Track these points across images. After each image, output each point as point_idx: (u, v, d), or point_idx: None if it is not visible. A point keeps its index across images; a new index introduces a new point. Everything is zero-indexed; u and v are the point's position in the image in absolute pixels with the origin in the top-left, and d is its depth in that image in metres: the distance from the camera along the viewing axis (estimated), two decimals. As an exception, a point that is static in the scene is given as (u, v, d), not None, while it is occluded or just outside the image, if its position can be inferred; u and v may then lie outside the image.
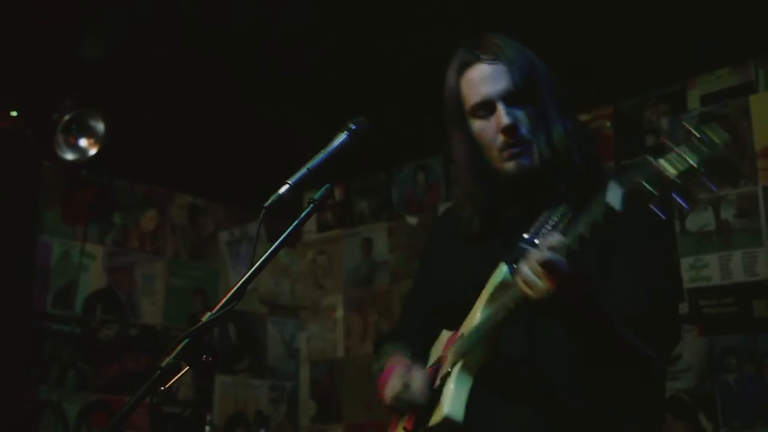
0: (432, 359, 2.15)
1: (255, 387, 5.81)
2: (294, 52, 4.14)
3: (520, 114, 2.00)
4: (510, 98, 2.00)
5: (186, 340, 1.54)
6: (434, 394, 1.97)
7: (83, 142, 4.55)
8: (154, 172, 5.37)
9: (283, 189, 1.73)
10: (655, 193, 1.47)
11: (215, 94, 4.58)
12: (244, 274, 1.64)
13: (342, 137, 1.88)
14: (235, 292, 1.61)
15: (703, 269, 4.31)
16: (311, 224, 6.04)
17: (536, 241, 1.79)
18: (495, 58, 2.03)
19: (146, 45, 4.14)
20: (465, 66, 2.07)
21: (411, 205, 5.62)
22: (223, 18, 3.96)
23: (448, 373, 1.94)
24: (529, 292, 1.70)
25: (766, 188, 4.19)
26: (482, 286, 1.99)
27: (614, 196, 1.53)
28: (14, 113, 4.39)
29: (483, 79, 2.03)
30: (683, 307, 4.35)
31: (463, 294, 2.06)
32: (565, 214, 1.91)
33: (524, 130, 1.99)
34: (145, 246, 5.45)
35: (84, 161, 4.60)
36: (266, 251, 1.69)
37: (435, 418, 1.92)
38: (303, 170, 1.78)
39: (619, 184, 1.54)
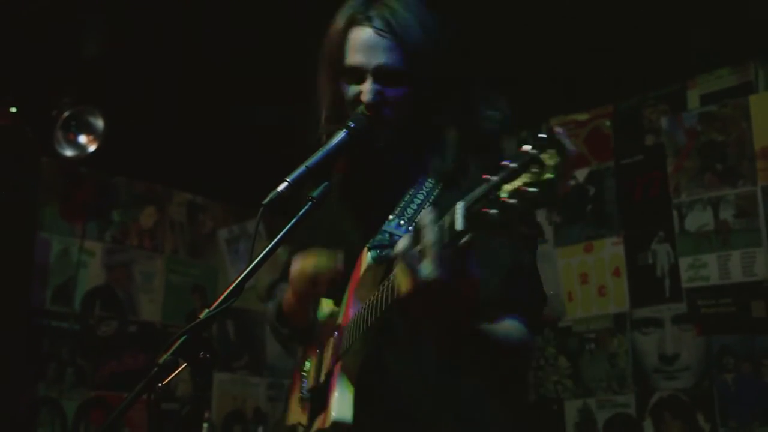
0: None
1: (253, 385, 5.81)
2: (294, 51, 4.14)
3: (391, 93, 1.92)
4: (383, 75, 1.92)
5: (184, 337, 1.54)
6: (321, 390, 1.92)
7: (82, 139, 4.55)
8: (153, 170, 5.37)
9: (282, 186, 1.73)
10: (491, 212, 1.33)
11: (215, 92, 4.57)
12: (242, 272, 1.64)
13: (341, 135, 1.87)
14: (233, 289, 1.61)
15: (701, 269, 4.31)
16: (310, 222, 6.03)
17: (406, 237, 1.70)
18: (384, 29, 1.91)
19: (146, 42, 4.14)
20: (353, 23, 1.96)
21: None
22: (222, 17, 3.96)
23: (332, 372, 1.88)
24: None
25: (765, 188, 4.19)
26: (351, 261, 1.92)
27: (459, 215, 1.38)
28: (13, 109, 4.39)
29: (364, 46, 1.93)
30: (682, 307, 4.35)
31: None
32: (426, 197, 1.89)
33: (388, 111, 1.92)
34: (143, 243, 5.45)
35: (83, 158, 4.61)
36: (265, 249, 1.68)
37: (325, 422, 1.85)
38: (302, 168, 1.78)
39: (463, 201, 1.39)
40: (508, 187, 1.30)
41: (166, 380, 1.53)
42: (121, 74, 4.36)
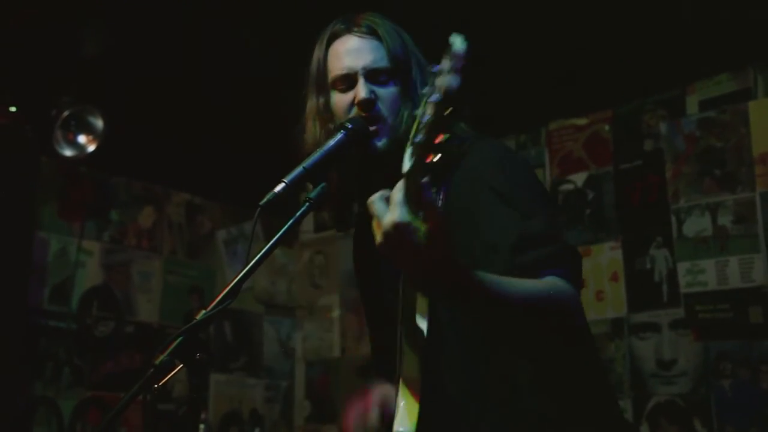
0: None
1: (250, 386, 5.81)
2: (294, 51, 4.14)
3: (382, 92, 1.96)
4: (373, 74, 1.97)
5: (180, 338, 1.55)
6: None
7: (82, 139, 4.55)
8: (152, 170, 5.36)
9: (279, 187, 1.73)
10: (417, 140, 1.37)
11: (214, 92, 4.57)
12: (239, 273, 1.64)
13: (338, 136, 1.87)
14: (229, 290, 1.61)
15: (699, 275, 4.31)
16: (308, 224, 6.04)
17: None
18: (367, 32, 1.99)
19: (145, 42, 4.14)
20: (335, 36, 2.03)
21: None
22: (222, 16, 3.97)
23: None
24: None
25: (764, 194, 4.19)
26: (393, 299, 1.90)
27: (407, 158, 1.43)
28: (13, 109, 4.39)
29: (349, 51, 1.98)
30: (679, 312, 4.35)
31: (384, 313, 2.02)
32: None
33: (381, 107, 1.95)
34: (142, 243, 5.45)
35: (82, 158, 4.60)
36: (262, 250, 1.69)
37: None
38: (299, 169, 1.78)
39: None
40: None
41: (163, 381, 1.53)
42: (121, 74, 4.36)
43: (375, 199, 1.47)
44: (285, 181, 1.74)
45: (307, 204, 1.78)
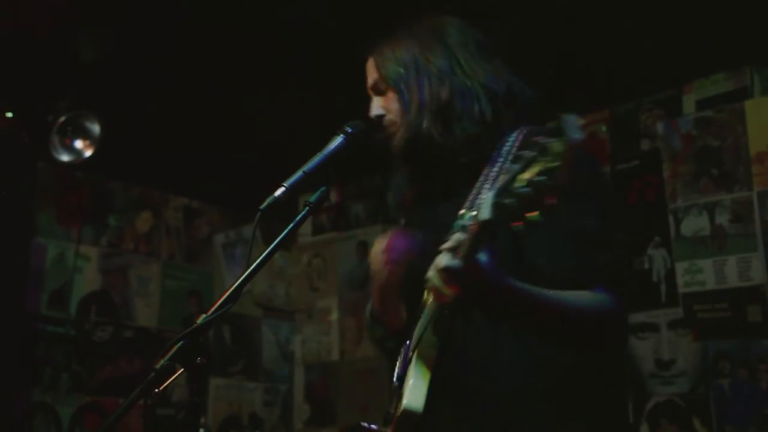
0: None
1: (249, 390, 5.80)
2: (293, 54, 4.14)
3: (386, 102, 2.11)
4: (375, 88, 2.14)
5: (180, 342, 1.54)
6: (403, 378, 1.93)
7: (78, 144, 4.54)
8: (150, 174, 5.36)
9: (279, 192, 1.74)
10: (507, 201, 1.37)
11: (211, 96, 4.57)
12: (240, 277, 1.64)
13: (338, 140, 1.90)
14: (230, 294, 1.61)
15: (697, 274, 4.32)
16: (307, 227, 6.04)
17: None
18: (372, 53, 2.17)
19: (142, 47, 4.13)
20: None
21: (406, 208, 5.61)
22: (220, 19, 3.97)
23: (410, 360, 1.89)
24: (437, 299, 1.65)
25: (761, 193, 4.20)
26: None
27: (486, 206, 1.43)
28: (10, 114, 4.38)
29: (367, 72, 2.18)
30: (678, 312, 4.35)
31: (414, 275, 2.02)
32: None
33: (389, 117, 2.09)
34: (139, 248, 5.44)
35: (79, 163, 4.60)
36: (261, 254, 1.69)
37: (399, 410, 1.86)
38: (299, 173, 1.79)
39: (491, 192, 1.44)
40: (524, 176, 1.36)
41: (163, 385, 1.53)
42: (118, 79, 4.35)
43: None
44: (285, 185, 1.75)
45: (307, 208, 1.78)
